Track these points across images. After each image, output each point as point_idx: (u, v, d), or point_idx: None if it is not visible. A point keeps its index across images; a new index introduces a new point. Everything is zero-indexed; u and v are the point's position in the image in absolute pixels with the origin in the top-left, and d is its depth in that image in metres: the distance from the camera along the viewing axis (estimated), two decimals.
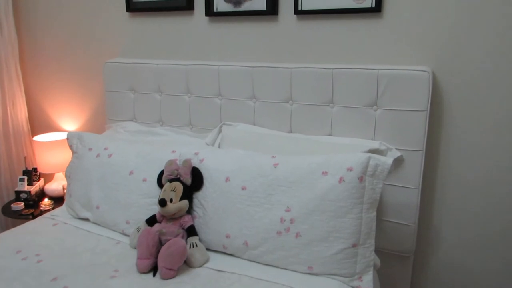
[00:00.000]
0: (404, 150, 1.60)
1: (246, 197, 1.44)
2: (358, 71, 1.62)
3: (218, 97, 1.94)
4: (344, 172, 1.34)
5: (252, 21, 1.89)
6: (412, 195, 1.62)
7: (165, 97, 2.06)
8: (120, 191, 1.66)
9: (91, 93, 2.42)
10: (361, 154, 1.37)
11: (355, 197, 1.33)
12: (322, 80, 1.69)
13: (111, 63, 2.15)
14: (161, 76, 2.03)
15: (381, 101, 1.61)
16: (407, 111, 1.57)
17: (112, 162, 1.72)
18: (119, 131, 2.12)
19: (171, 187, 1.52)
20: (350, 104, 1.66)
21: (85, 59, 2.38)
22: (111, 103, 2.21)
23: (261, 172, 1.45)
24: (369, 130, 1.65)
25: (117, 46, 2.25)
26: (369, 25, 1.68)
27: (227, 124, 1.90)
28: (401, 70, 1.56)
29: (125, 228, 1.62)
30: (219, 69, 1.90)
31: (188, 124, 2.04)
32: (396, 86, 1.57)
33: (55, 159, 2.33)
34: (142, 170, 1.66)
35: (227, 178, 1.49)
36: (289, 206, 1.38)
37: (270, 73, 1.78)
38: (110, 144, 1.80)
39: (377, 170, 1.35)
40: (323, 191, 1.34)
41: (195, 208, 1.54)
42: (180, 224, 1.50)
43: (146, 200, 1.62)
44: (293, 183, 1.39)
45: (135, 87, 2.12)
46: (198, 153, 1.60)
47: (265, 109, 1.83)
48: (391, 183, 1.65)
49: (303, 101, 1.75)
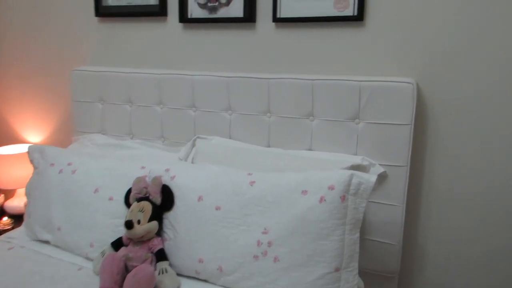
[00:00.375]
0: (387, 165, 1.54)
1: (221, 217, 1.36)
2: (339, 83, 1.56)
3: (192, 109, 1.85)
4: (325, 190, 1.28)
5: (228, 29, 1.81)
6: (396, 213, 1.56)
7: (136, 108, 1.96)
8: (84, 210, 1.55)
9: (58, 103, 2.30)
10: (343, 172, 1.31)
11: (337, 218, 1.26)
12: (301, 92, 1.62)
13: (78, 71, 2.05)
14: (131, 86, 1.94)
15: (363, 114, 1.54)
16: (391, 125, 1.51)
17: (75, 179, 1.61)
18: (86, 144, 2.02)
19: (139, 207, 1.42)
20: (331, 117, 1.59)
21: (51, 67, 2.26)
22: (79, 114, 2.10)
23: (236, 190, 1.37)
24: (351, 145, 1.59)
25: (86, 53, 2.14)
26: (350, 34, 1.61)
27: (202, 137, 1.82)
28: (384, 82, 1.50)
29: (89, 252, 1.51)
30: (193, 79, 1.81)
31: (160, 137, 1.94)
32: (379, 98, 1.51)
33: (17, 173, 2.20)
34: (108, 188, 1.56)
35: (200, 197, 1.40)
36: (267, 228, 1.30)
37: (247, 84, 1.71)
38: (74, 159, 1.69)
39: (360, 188, 1.29)
40: (303, 212, 1.27)
41: (166, 230, 1.45)
42: (149, 248, 1.40)
43: (112, 220, 1.51)
44: (271, 203, 1.32)
45: (104, 97, 2.02)
46: (169, 170, 1.52)
47: (241, 122, 1.75)
48: (374, 200, 1.58)
49: (282, 113, 1.67)
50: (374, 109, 1.52)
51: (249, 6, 1.72)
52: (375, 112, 1.52)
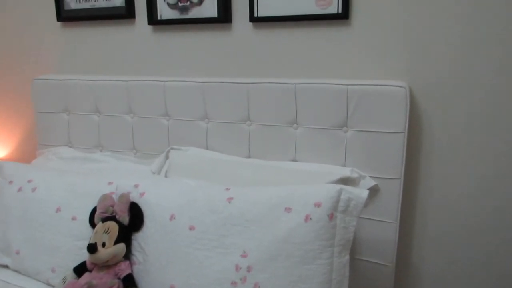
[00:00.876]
0: (379, 178, 1.41)
1: (195, 239, 1.23)
2: (325, 87, 1.42)
3: (165, 118, 1.70)
4: (310, 208, 1.15)
5: (201, 30, 1.67)
6: (389, 230, 1.42)
7: (104, 118, 1.81)
8: (45, 232, 1.43)
9: (22, 114, 2.14)
10: (330, 186, 1.18)
11: (325, 239, 1.13)
12: (283, 97, 1.49)
13: (40, 80, 1.90)
14: (98, 94, 1.80)
15: (351, 121, 1.41)
16: (382, 133, 1.38)
17: (36, 198, 1.48)
18: (50, 158, 1.89)
19: (104, 228, 1.30)
20: (317, 124, 1.46)
21: (13, 76, 2.10)
22: (42, 126, 1.95)
23: (212, 207, 1.24)
24: (339, 155, 1.45)
25: (49, 61, 1.99)
26: (335, 34, 1.48)
27: (175, 148, 1.68)
28: (373, 86, 1.37)
29: (51, 278, 1.39)
30: (165, 85, 1.67)
31: (132, 148, 1.79)
32: (368, 103, 1.38)
33: None
34: (71, 207, 1.43)
35: (172, 215, 1.27)
36: (246, 250, 1.17)
37: (224, 89, 1.57)
38: (35, 176, 1.55)
39: (350, 205, 1.16)
40: (286, 232, 1.14)
41: (134, 253, 1.31)
42: (115, 273, 1.27)
43: (75, 242, 1.38)
44: (251, 222, 1.19)
45: (69, 107, 1.87)
46: (138, 185, 1.38)
47: (219, 131, 1.61)
48: (365, 216, 1.45)
49: (263, 121, 1.54)
50: (363, 116, 1.39)
51: (224, 5, 1.59)
52: (365, 119, 1.39)
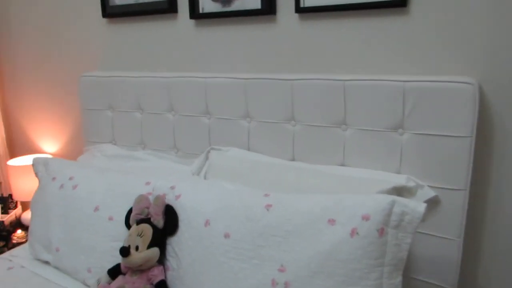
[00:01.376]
0: (440, 188, 1.24)
1: (230, 247, 1.14)
2: (379, 84, 1.27)
3: (206, 116, 1.63)
4: (357, 221, 1.02)
5: (244, 23, 1.57)
6: (451, 248, 1.24)
7: (147, 116, 1.77)
8: (83, 231, 1.40)
9: (71, 111, 2.16)
10: (381, 197, 1.03)
11: (373, 257, 0.99)
12: (331, 95, 1.35)
13: (86, 77, 1.90)
14: (141, 91, 1.76)
15: (408, 122, 1.25)
16: (444, 137, 1.20)
17: (76, 195, 1.46)
18: (95, 155, 1.88)
19: (138, 230, 1.24)
20: (368, 125, 1.31)
21: (63, 73, 2.13)
22: (88, 122, 1.95)
23: (249, 215, 1.14)
24: (393, 160, 1.29)
25: (95, 57, 1.99)
26: (391, 24, 1.32)
27: (216, 148, 1.60)
28: (435, 82, 1.20)
29: (87, 278, 1.36)
30: (206, 82, 1.59)
31: (173, 147, 1.74)
32: (429, 103, 1.21)
33: (32, 185, 2.11)
34: (108, 207, 1.39)
35: (207, 221, 1.19)
36: (284, 264, 1.06)
37: (268, 86, 1.46)
38: (76, 173, 1.53)
39: (404, 219, 1.01)
40: (329, 247, 1.02)
41: (168, 258, 1.25)
42: (148, 278, 1.22)
43: (111, 243, 1.35)
44: (290, 233, 1.07)
45: (114, 104, 1.85)
46: (174, 187, 1.31)
47: (261, 131, 1.51)
48: (423, 230, 1.28)
49: (308, 121, 1.41)
50: (423, 117, 1.22)
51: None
52: (424, 121, 1.22)
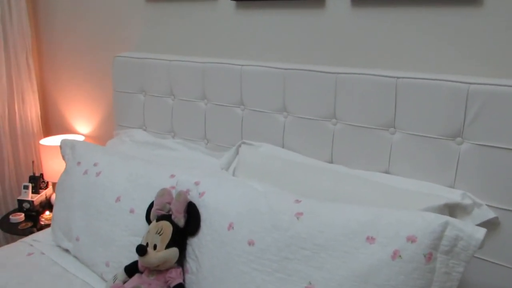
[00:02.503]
0: (501, 209, 1.07)
1: (253, 256, 1.03)
2: (438, 84, 1.11)
3: (240, 107, 1.52)
4: (401, 242, 0.88)
5: (290, 8, 1.44)
6: (509, 278, 1.07)
7: (178, 102, 1.69)
8: (103, 221, 1.34)
9: (106, 92, 2.11)
10: (431, 216, 0.89)
11: (418, 285, 0.86)
12: (381, 93, 1.20)
13: (121, 57, 1.83)
14: (174, 76, 1.67)
15: (469, 131, 1.09)
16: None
17: (99, 183, 1.39)
18: (124, 140, 1.82)
19: (157, 228, 1.15)
20: (421, 131, 1.16)
21: (100, 53, 2.08)
22: (120, 105, 1.89)
23: (277, 222, 1.03)
24: (447, 173, 1.14)
25: (132, 38, 1.92)
26: (458, 17, 1.15)
27: (247, 143, 1.48)
28: (506, 87, 1.02)
29: (104, 272, 1.29)
30: (242, 70, 1.47)
31: (203, 138, 1.64)
32: (496, 110, 1.04)
33: (63, 166, 2.06)
34: (130, 198, 1.31)
35: (230, 224, 1.09)
36: (313, 282, 0.94)
37: (309, 79, 1.33)
38: (101, 159, 1.46)
39: (458, 245, 0.87)
40: (366, 268, 0.89)
41: (188, 259, 1.16)
42: (165, 280, 1.13)
43: (130, 238, 1.27)
44: (321, 248, 0.95)
45: (146, 87, 1.78)
46: (199, 183, 1.21)
47: (298, 127, 1.38)
48: (479, 255, 1.12)
49: (352, 120, 1.27)
50: (488, 125, 1.06)
51: None
52: (489, 130, 1.06)
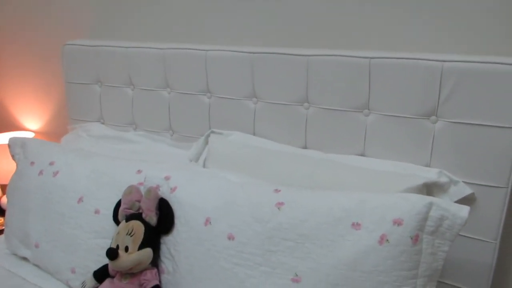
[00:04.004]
0: (476, 184, 1.09)
1: (234, 251, 0.99)
2: (411, 63, 1.10)
3: (206, 94, 1.45)
4: (388, 226, 0.87)
5: None
6: (485, 251, 1.11)
7: (139, 92, 1.59)
8: (65, 225, 1.25)
9: (54, 84, 1.96)
10: (416, 198, 0.88)
11: (406, 268, 0.86)
12: (354, 74, 1.18)
13: (71, 45, 1.69)
14: (132, 64, 1.57)
15: (444, 109, 1.09)
16: (486, 127, 1.05)
17: (57, 184, 1.30)
18: (81, 135, 1.71)
19: (128, 229, 1.09)
20: (396, 111, 1.15)
21: (47, 41, 1.91)
22: (73, 98, 1.76)
23: (257, 214, 0.99)
24: (423, 152, 1.14)
25: (83, 24, 1.77)
26: None
27: (217, 132, 1.43)
28: (480, 63, 1.03)
29: (70, 279, 1.21)
30: (207, 55, 1.41)
31: (168, 129, 1.57)
32: (470, 87, 1.04)
33: (11, 166, 1.89)
34: (94, 197, 1.24)
35: (207, 219, 1.04)
36: (299, 273, 0.92)
37: (278, 62, 1.29)
38: (58, 158, 1.36)
39: (443, 225, 0.87)
40: (353, 256, 0.88)
41: (163, 259, 1.10)
42: (140, 283, 1.07)
43: (97, 241, 1.20)
44: (306, 238, 0.93)
45: (102, 77, 1.67)
46: (169, 178, 1.15)
47: (269, 113, 1.34)
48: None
49: (325, 104, 1.24)
50: (462, 103, 1.06)
51: None
52: (463, 108, 1.06)
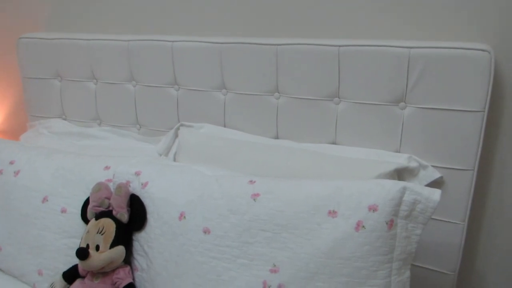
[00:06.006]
0: (444, 168, 1.11)
1: (210, 245, 0.98)
2: (379, 50, 1.11)
3: (174, 87, 1.42)
4: (363, 212, 0.88)
5: None
6: (454, 233, 1.14)
7: (102, 86, 1.53)
8: (30, 226, 1.20)
9: (10, 79, 1.85)
10: (389, 184, 0.89)
11: (382, 253, 0.87)
12: (323, 63, 1.18)
13: (26, 38, 1.61)
14: (94, 57, 1.51)
15: (412, 95, 1.11)
16: (453, 111, 1.07)
17: (19, 184, 1.25)
18: (41, 132, 1.64)
19: (98, 227, 1.05)
20: (365, 99, 1.16)
21: (2, 35, 1.80)
22: (31, 94, 1.68)
23: (232, 206, 0.98)
24: (393, 138, 1.16)
25: (39, 15, 1.68)
26: None
27: (186, 125, 1.40)
28: (446, 49, 1.04)
29: (37, 282, 1.17)
30: (173, 46, 1.37)
31: (135, 123, 1.53)
32: (436, 73, 1.06)
33: None
34: (60, 196, 1.20)
35: (181, 214, 1.02)
36: (277, 264, 0.92)
37: (247, 52, 1.27)
38: (18, 156, 1.31)
39: (416, 209, 0.89)
40: (330, 243, 0.88)
41: (136, 256, 1.08)
42: (113, 282, 1.04)
43: (65, 241, 1.16)
44: (283, 228, 0.93)
45: (62, 72, 1.59)
46: (140, 173, 1.12)
47: (239, 104, 1.33)
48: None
49: (295, 93, 1.24)
50: (429, 89, 1.08)
51: None
52: (430, 93, 1.08)
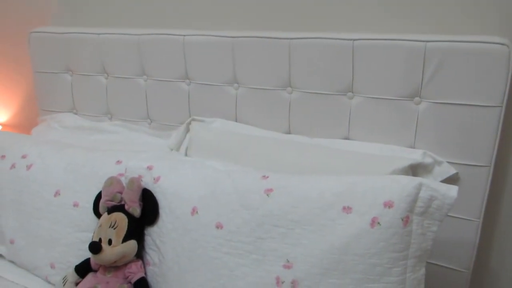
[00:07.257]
0: (460, 164, 1.10)
1: (223, 240, 0.98)
2: (394, 44, 1.09)
3: (185, 81, 1.42)
4: (379, 209, 0.87)
5: None
6: (468, 230, 1.13)
7: (113, 81, 1.53)
8: (42, 219, 1.21)
9: (23, 73, 1.86)
10: (405, 180, 0.88)
11: (397, 250, 0.86)
12: (337, 57, 1.17)
13: (38, 33, 1.61)
14: (105, 51, 1.51)
15: (427, 90, 1.09)
16: (469, 106, 1.06)
17: (31, 177, 1.26)
18: (53, 126, 1.64)
19: (110, 221, 1.06)
20: (379, 93, 1.15)
21: (13, 28, 1.80)
22: (43, 88, 1.68)
23: (246, 202, 0.98)
24: (407, 133, 1.15)
25: (49, 8, 1.68)
26: None
27: (198, 119, 1.40)
28: (463, 43, 1.03)
29: (50, 275, 1.18)
30: (185, 40, 1.36)
31: (146, 117, 1.53)
32: (453, 67, 1.05)
33: None
34: (72, 190, 1.20)
35: (193, 209, 1.02)
36: (290, 259, 0.92)
37: (260, 46, 1.26)
38: (30, 150, 1.31)
39: (432, 205, 0.88)
40: (345, 240, 0.88)
41: (148, 251, 1.08)
42: (125, 276, 1.05)
43: (77, 234, 1.16)
44: (297, 224, 0.92)
45: (72, 66, 1.59)
46: (152, 168, 1.12)
47: (251, 99, 1.32)
48: None
49: (308, 88, 1.23)
50: (445, 84, 1.06)
51: None
52: (446, 88, 1.07)
